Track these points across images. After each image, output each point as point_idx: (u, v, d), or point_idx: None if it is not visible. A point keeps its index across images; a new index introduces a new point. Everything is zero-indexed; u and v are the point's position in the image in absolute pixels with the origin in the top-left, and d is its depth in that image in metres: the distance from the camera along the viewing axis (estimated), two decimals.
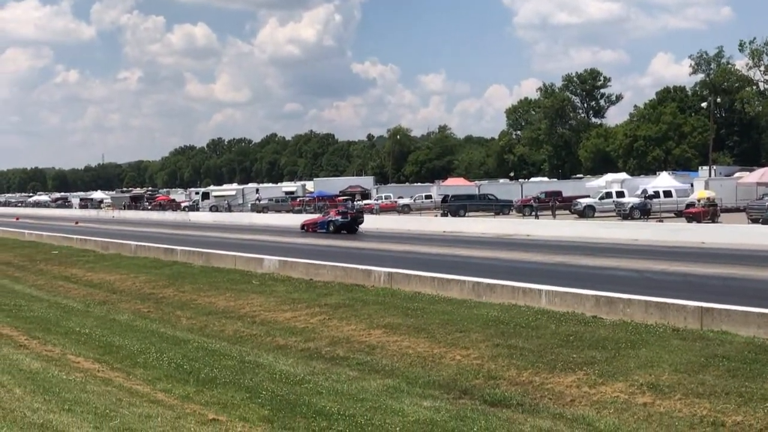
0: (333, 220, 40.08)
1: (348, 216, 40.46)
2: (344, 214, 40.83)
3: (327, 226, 40.02)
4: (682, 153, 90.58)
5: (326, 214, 42.66)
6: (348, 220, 39.95)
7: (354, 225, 40.05)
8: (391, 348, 12.42)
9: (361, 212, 44.30)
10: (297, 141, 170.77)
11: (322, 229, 40.09)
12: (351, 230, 39.67)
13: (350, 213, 41.67)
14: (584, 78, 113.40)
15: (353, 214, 41.43)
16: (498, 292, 15.43)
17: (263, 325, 15.09)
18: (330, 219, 40.45)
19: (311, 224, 41.91)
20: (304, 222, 43.20)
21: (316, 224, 41.35)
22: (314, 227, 41.15)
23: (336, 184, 79.19)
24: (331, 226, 39.70)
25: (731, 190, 51.16)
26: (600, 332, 12.02)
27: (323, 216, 42.76)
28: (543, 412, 8.99)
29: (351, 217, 40.39)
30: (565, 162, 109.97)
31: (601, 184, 59.52)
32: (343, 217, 40.14)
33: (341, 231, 39.30)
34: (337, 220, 39.88)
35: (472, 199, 58.31)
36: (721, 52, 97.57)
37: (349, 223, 39.79)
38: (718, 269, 21.06)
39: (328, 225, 39.97)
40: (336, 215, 40.81)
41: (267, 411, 9.25)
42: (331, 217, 40.80)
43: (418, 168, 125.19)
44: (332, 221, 39.96)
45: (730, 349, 10.58)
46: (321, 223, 40.99)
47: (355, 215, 41.47)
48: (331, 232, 39.30)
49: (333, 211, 43.26)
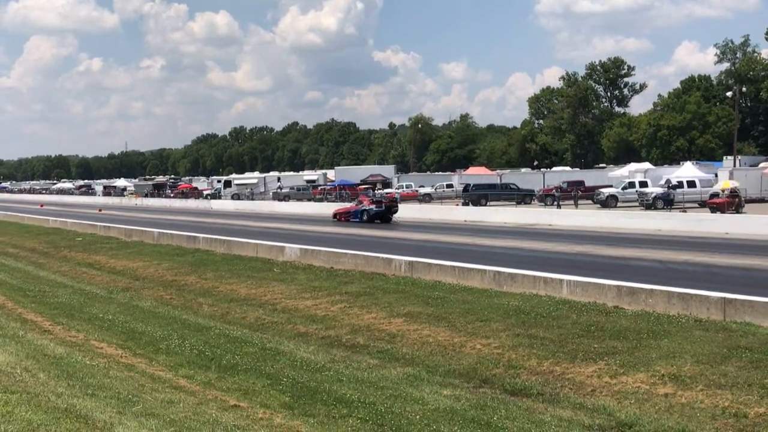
0: (367, 209, 39.08)
1: (382, 205, 39.57)
2: (378, 203, 40.05)
3: (360, 215, 39.01)
4: (706, 143, 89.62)
5: (359, 203, 41.35)
6: (382, 209, 39.00)
7: (388, 214, 39.06)
8: (411, 336, 12.44)
9: (396, 201, 42.82)
10: (318, 129, 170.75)
11: (356, 219, 39.09)
12: (385, 219, 38.70)
13: (384, 202, 40.68)
14: (608, 67, 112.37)
15: (387, 203, 40.49)
16: (519, 282, 15.39)
17: (284, 313, 15.15)
18: (364, 208, 39.42)
19: (344, 213, 40.92)
20: (336, 211, 42.26)
21: (349, 213, 40.29)
22: (347, 216, 40.10)
23: (357, 173, 79.08)
24: (364, 215, 38.75)
25: (756, 181, 50.59)
26: (621, 322, 11.96)
27: (356, 205, 41.46)
28: (563, 402, 8.97)
29: (385, 206, 39.42)
30: (587, 151, 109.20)
31: (624, 174, 59.06)
32: (377, 206, 39.23)
33: (375, 220, 38.38)
34: (371, 209, 38.89)
35: (493, 189, 58.08)
36: (747, 40, 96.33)
37: (383, 212, 38.86)
38: (741, 260, 20.85)
39: (362, 214, 38.95)
40: (370, 204, 39.83)
41: (288, 398, 9.31)
42: (365, 206, 39.71)
43: (439, 157, 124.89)
44: (366, 210, 39.02)
45: (753, 340, 10.49)
46: (354, 212, 39.89)
47: (390, 204, 40.44)
48: (365, 221, 38.35)
49: (366, 199, 42.18)
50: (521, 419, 8.29)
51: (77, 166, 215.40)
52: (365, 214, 38.71)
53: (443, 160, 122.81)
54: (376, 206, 39.14)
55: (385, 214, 38.81)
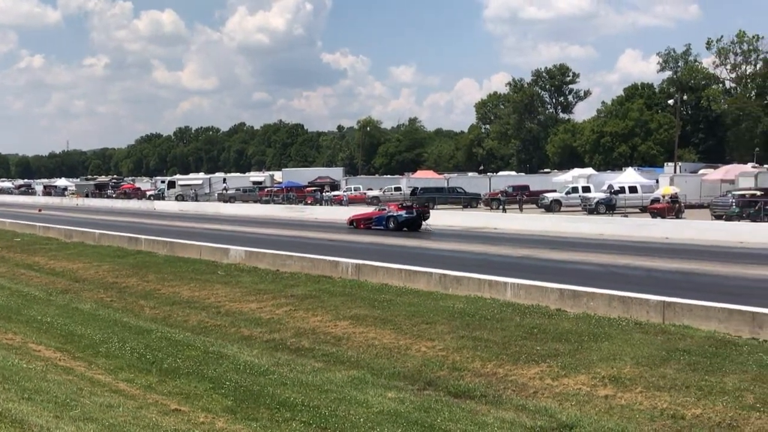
0: (395, 215, 34.59)
1: (413, 210, 35.12)
2: (408, 209, 35.42)
3: (386, 222, 34.54)
4: (648, 149, 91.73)
5: (383, 209, 37.17)
6: (413, 215, 34.45)
7: (419, 220, 34.49)
8: (357, 339, 12.42)
9: (427, 206, 38.36)
10: (265, 130, 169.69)
11: (379, 226, 34.66)
12: (415, 226, 34.26)
13: (416, 207, 36.25)
14: (553, 73, 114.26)
15: (419, 208, 35.93)
16: (464, 285, 15.50)
17: (228, 316, 15.00)
18: (391, 214, 34.96)
19: (363, 220, 36.26)
20: (353, 217, 37.33)
21: (371, 220, 35.79)
22: (367, 223, 35.53)
23: (305, 175, 78.86)
24: (391, 223, 34.25)
25: (696, 187, 51.87)
26: (564, 325, 12.12)
27: (380, 210, 37.14)
28: (506, 404, 9.05)
29: (417, 212, 34.95)
30: (533, 156, 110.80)
31: (567, 179, 60.03)
32: (407, 212, 34.65)
33: (403, 228, 33.93)
34: (399, 216, 34.34)
35: (440, 192, 58.54)
36: (689, 50, 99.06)
37: (414, 219, 34.31)
38: (681, 264, 21.35)
39: (388, 221, 34.48)
40: (398, 209, 35.27)
41: (230, 401, 9.22)
42: (392, 211, 35.31)
43: (387, 160, 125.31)
44: (393, 216, 34.49)
45: (691, 343, 10.73)
46: (378, 218, 35.37)
47: (422, 209, 35.93)
48: (391, 229, 33.90)
49: (393, 204, 37.84)
50: (464, 421, 8.34)
51: (17, 164, 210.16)
52: (392, 220, 34.37)
53: (392, 163, 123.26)
54: (407, 212, 34.84)
55: (416, 220, 34.45)
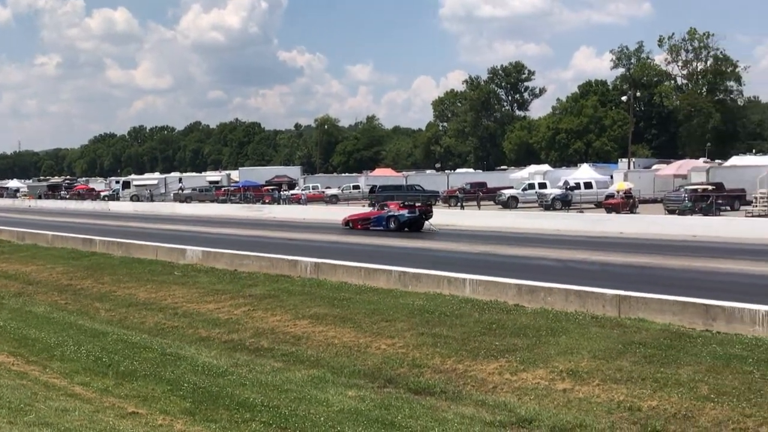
0: (396, 215, 32.95)
1: (415, 209, 33.31)
2: (411, 208, 33.54)
3: (386, 222, 33.03)
4: (602, 145, 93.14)
5: (383, 208, 35.38)
6: (416, 214, 32.85)
7: (422, 220, 33.04)
8: (316, 338, 12.38)
9: (430, 204, 36.91)
10: (222, 129, 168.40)
11: (378, 226, 33.18)
12: (417, 227, 32.77)
13: (418, 206, 34.18)
14: (509, 71, 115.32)
15: (422, 207, 34.15)
16: (424, 282, 15.55)
17: (185, 317, 14.84)
18: (391, 214, 33.28)
19: (360, 220, 34.79)
20: (348, 218, 35.74)
21: (368, 220, 34.37)
22: (365, 224, 34.05)
23: (262, 174, 78.46)
24: (392, 223, 32.75)
25: (649, 182, 52.82)
26: (522, 320, 12.23)
27: (379, 210, 35.46)
28: (466, 399, 9.09)
29: (420, 211, 33.27)
30: (490, 154, 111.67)
31: (524, 176, 60.68)
32: (410, 212, 32.97)
33: (404, 228, 32.45)
34: (402, 215, 32.73)
35: (399, 190, 58.56)
36: (641, 47, 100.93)
37: (417, 218, 32.81)
38: (635, 258, 21.68)
39: (389, 221, 32.95)
40: (400, 209, 33.44)
41: (188, 403, 9.13)
42: (393, 211, 33.51)
43: (345, 158, 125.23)
44: (395, 216, 32.90)
45: (647, 335, 10.90)
46: (377, 218, 33.90)
47: (425, 208, 34.13)
48: (392, 229, 32.41)
49: (394, 204, 35.61)
50: (425, 417, 8.36)
51: None
52: (393, 220, 32.85)
53: (350, 161, 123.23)
54: (409, 211, 33.06)
55: (419, 220, 32.98)
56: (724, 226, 29.46)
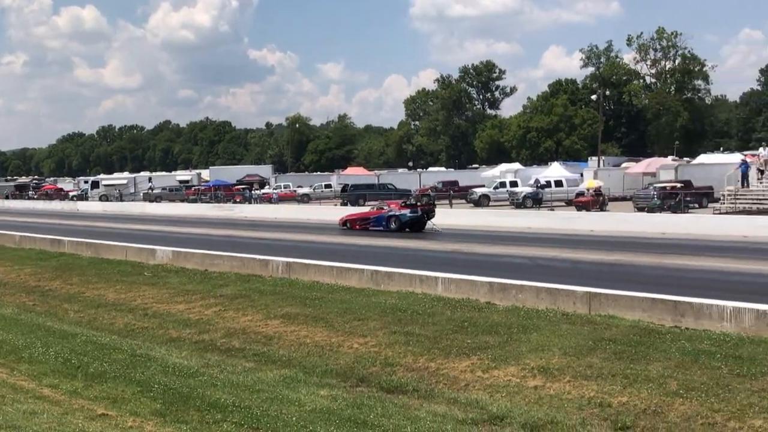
0: (397, 214, 31.76)
1: (417, 209, 32.04)
2: (413, 207, 32.36)
3: (387, 222, 31.80)
4: (572, 144, 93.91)
5: (382, 208, 34.19)
6: (418, 214, 31.52)
7: (424, 220, 31.70)
8: (288, 338, 12.33)
9: (433, 203, 35.47)
10: (192, 128, 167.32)
11: (378, 227, 32.01)
12: (419, 227, 31.53)
13: (420, 205, 32.95)
14: (480, 70, 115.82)
15: (424, 207, 32.78)
16: (396, 280, 15.55)
17: (155, 318, 14.71)
18: (392, 213, 32.09)
19: (360, 220, 33.45)
20: (346, 217, 34.35)
21: (368, 220, 33.04)
22: (364, 224, 32.77)
23: (233, 173, 78.07)
24: (393, 223, 31.55)
25: (619, 180, 53.30)
26: (493, 318, 12.28)
27: (378, 210, 34.13)
28: (438, 397, 9.11)
29: (422, 210, 31.94)
30: (461, 152, 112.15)
31: (495, 174, 61.01)
32: (411, 211, 31.71)
33: (405, 228, 31.27)
34: (403, 215, 31.53)
35: (371, 189, 58.70)
36: (611, 46, 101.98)
37: (419, 218, 31.48)
38: (605, 256, 21.87)
39: (389, 221, 31.72)
40: (401, 208, 32.34)
41: (159, 405, 9.04)
42: (394, 210, 32.40)
43: (317, 157, 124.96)
44: (396, 216, 31.70)
45: (617, 332, 10.99)
46: (377, 218, 32.61)
47: (427, 207, 32.72)
48: (393, 229, 31.27)
49: (395, 203, 34.77)
50: (397, 416, 8.35)
51: None
52: (394, 220, 31.65)
53: (321, 160, 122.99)
54: (411, 211, 31.88)
55: (421, 220, 31.65)
56: (692, 224, 29.84)
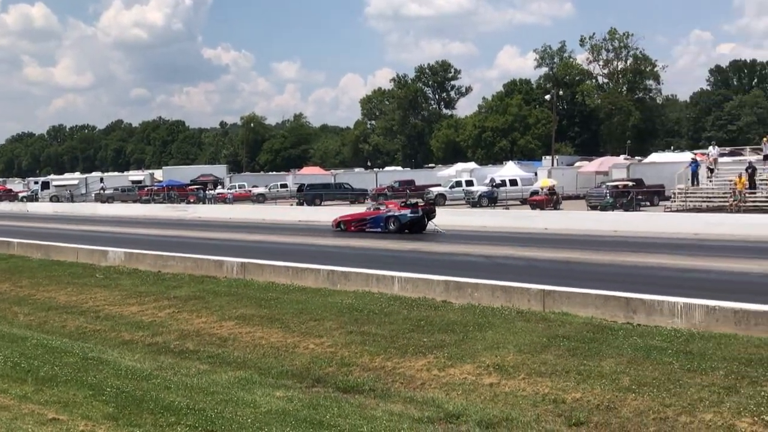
0: (397, 215, 30.28)
1: (418, 209, 30.75)
2: (413, 207, 30.96)
3: (385, 223, 30.30)
4: (526, 143, 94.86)
5: (379, 208, 32.77)
6: (419, 214, 30.22)
7: (424, 221, 30.42)
8: (243, 339, 12.23)
9: (434, 203, 33.98)
10: (144, 128, 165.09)
11: (375, 228, 30.55)
12: (419, 228, 30.16)
13: (421, 206, 31.76)
14: (436, 69, 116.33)
15: (425, 207, 31.72)
16: (352, 280, 15.54)
17: (108, 320, 14.48)
18: (391, 214, 30.56)
19: (355, 221, 31.83)
20: (341, 218, 32.61)
21: (364, 221, 31.47)
22: (360, 225, 31.33)
23: (187, 173, 77.33)
24: (392, 224, 30.05)
25: (572, 179, 53.98)
26: (449, 316, 12.33)
27: (375, 210, 32.57)
28: (394, 396, 9.11)
29: (423, 211, 30.71)
30: (417, 152, 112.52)
31: (451, 174, 61.37)
32: (412, 211, 30.32)
33: (404, 230, 29.90)
34: (403, 216, 30.07)
35: (327, 188, 58.68)
36: (564, 46, 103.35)
37: (419, 219, 30.17)
38: (559, 253, 22.14)
39: (387, 222, 30.25)
40: (401, 208, 30.92)
41: (112, 408, 8.89)
42: (393, 211, 30.87)
43: (273, 156, 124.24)
44: (395, 217, 30.20)
45: (570, 329, 11.12)
46: (374, 219, 31.10)
47: (428, 208, 31.60)
48: (391, 231, 29.82)
49: (393, 203, 33.43)
50: (353, 416, 8.34)
51: None
52: (393, 221, 30.16)
53: (277, 159, 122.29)
54: (411, 211, 30.40)
55: (421, 221, 30.33)
56: (644, 222, 30.37)
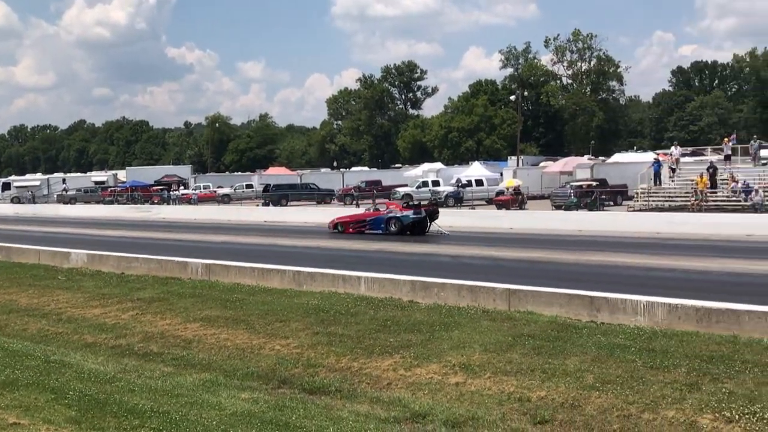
0: (399, 216, 29.22)
1: (421, 210, 29.58)
2: (416, 208, 29.82)
3: (386, 224, 29.25)
4: (492, 144, 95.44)
5: (378, 209, 31.76)
6: (422, 215, 29.14)
7: (425, 223, 29.31)
8: (208, 341, 12.12)
9: (436, 204, 33.33)
10: (108, 128, 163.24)
11: (376, 230, 29.45)
12: (420, 230, 29.13)
13: (423, 206, 30.52)
14: (402, 70, 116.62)
15: (428, 207, 30.43)
16: (318, 281, 15.51)
17: (70, 323, 14.26)
18: (393, 215, 29.54)
19: (353, 223, 30.65)
20: (338, 220, 31.38)
21: (362, 223, 30.30)
22: (359, 227, 30.13)
23: (150, 174, 76.63)
24: (393, 225, 29.00)
25: (537, 179, 54.50)
26: (416, 316, 12.36)
27: (375, 211, 31.46)
28: (361, 397, 9.10)
29: (426, 212, 29.51)
30: (384, 152, 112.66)
31: (418, 174, 61.61)
32: (415, 212, 29.25)
33: (406, 232, 28.82)
34: (405, 217, 29.02)
35: (294, 189, 58.46)
36: (528, 47, 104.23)
37: (422, 221, 29.12)
38: (525, 253, 22.31)
39: (388, 223, 29.17)
40: (403, 209, 29.96)
41: (74, 412, 8.77)
42: (395, 212, 29.86)
43: (238, 157, 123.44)
44: (397, 218, 29.14)
45: (535, 328, 11.21)
46: (375, 220, 29.92)
47: (431, 209, 30.27)
48: (393, 232, 28.76)
49: (394, 203, 32.36)
50: (319, 417, 8.31)
51: None
52: (394, 223, 29.07)
53: (242, 160, 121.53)
54: (414, 212, 29.30)
55: (424, 222, 29.23)
56: (607, 221, 30.74)
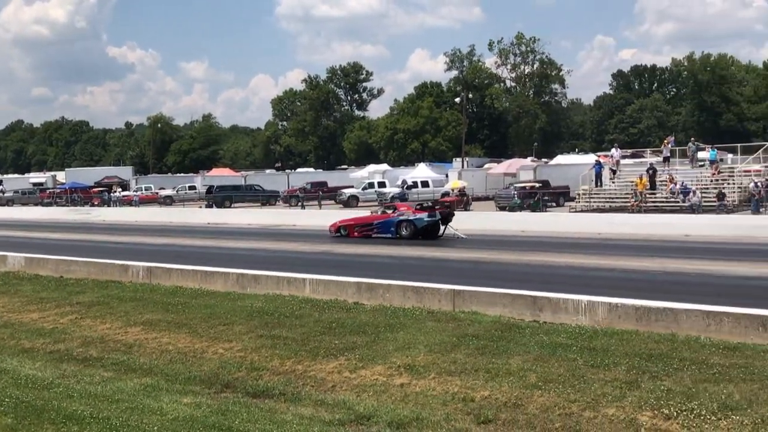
0: (412, 219, 27.03)
1: (435, 212, 27.59)
2: (430, 210, 27.77)
3: (396, 228, 27.10)
4: (438, 145, 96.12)
5: (386, 211, 29.28)
6: (436, 218, 27.16)
7: (438, 227, 27.41)
8: (149, 345, 11.92)
9: (450, 206, 31.32)
10: (46, 128, 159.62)
11: (385, 233, 27.33)
12: (435, 234, 27.24)
13: (439, 208, 28.67)
14: (347, 71, 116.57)
15: (442, 210, 28.56)
16: (263, 283, 15.39)
17: (6, 328, 13.88)
18: (405, 218, 27.30)
19: (358, 226, 28.51)
20: (341, 223, 29.21)
21: (370, 226, 28.10)
22: (366, 230, 27.97)
23: (91, 175, 75.28)
24: (404, 229, 26.88)
25: (481, 180, 55.06)
26: (361, 318, 12.35)
27: (383, 214, 29.00)
28: (305, 400, 9.05)
29: (441, 214, 27.60)
30: (330, 153, 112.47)
31: (364, 175, 61.68)
32: (429, 215, 27.18)
33: (419, 236, 26.69)
34: (419, 220, 26.88)
35: (238, 190, 57.97)
36: (473, 50, 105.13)
37: (436, 224, 27.21)
38: (469, 254, 22.48)
39: (399, 227, 27.04)
40: (416, 212, 27.69)
41: (10, 419, 8.56)
42: (407, 214, 27.61)
43: (181, 158, 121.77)
44: (409, 221, 26.98)
45: (479, 328, 11.30)
46: (383, 224, 27.70)
47: (446, 211, 28.60)
48: (404, 236, 26.72)
49: (405, 205, 30.41)
50: (263, 421, 8.24)
51: None
52: (405, 226, 26.98)
53: (185, 161, 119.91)
54: (429, 215, 27.27)
55: (437, 225, 27.38)
56: (550, 222, 31.23)
